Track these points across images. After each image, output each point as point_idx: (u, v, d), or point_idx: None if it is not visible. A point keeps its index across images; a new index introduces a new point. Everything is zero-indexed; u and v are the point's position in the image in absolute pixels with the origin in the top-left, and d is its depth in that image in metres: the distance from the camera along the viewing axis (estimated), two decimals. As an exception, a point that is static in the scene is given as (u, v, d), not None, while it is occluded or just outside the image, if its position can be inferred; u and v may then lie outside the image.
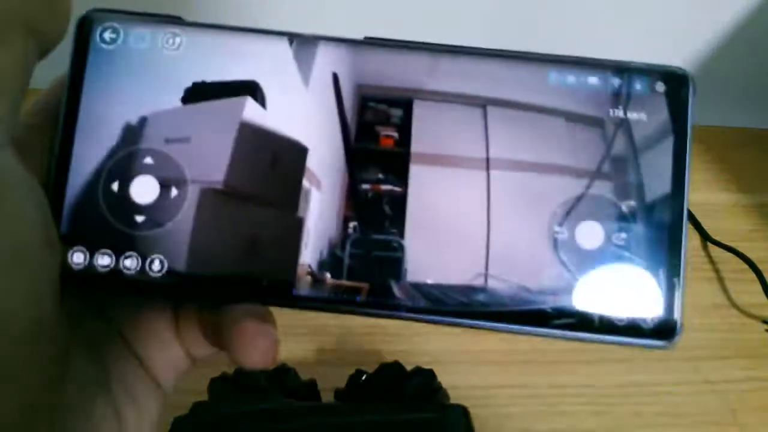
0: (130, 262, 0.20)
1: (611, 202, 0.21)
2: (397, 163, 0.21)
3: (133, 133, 0.21)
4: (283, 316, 0.23)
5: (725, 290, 0.51)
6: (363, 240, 0.21)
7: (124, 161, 0.21)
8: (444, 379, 0.36)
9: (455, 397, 0.35)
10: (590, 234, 0.21)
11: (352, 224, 0.21)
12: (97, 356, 0.21)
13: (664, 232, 0.21)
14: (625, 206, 0.21)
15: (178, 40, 0.21)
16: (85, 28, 0.21)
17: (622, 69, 0.21)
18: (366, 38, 0.21)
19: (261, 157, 0.21)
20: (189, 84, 0.21)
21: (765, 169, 0.60)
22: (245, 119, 0.21)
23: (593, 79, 0.21)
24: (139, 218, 0.21)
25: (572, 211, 0.21)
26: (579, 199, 0.21)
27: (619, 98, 0.21)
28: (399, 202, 0.21)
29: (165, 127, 0.21)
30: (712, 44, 0.62)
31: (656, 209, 0.21)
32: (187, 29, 0.21)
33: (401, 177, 0.21)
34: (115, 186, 0.21)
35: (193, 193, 0.21)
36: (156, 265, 0.20)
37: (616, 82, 0.21)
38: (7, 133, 0.16)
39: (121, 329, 0.23)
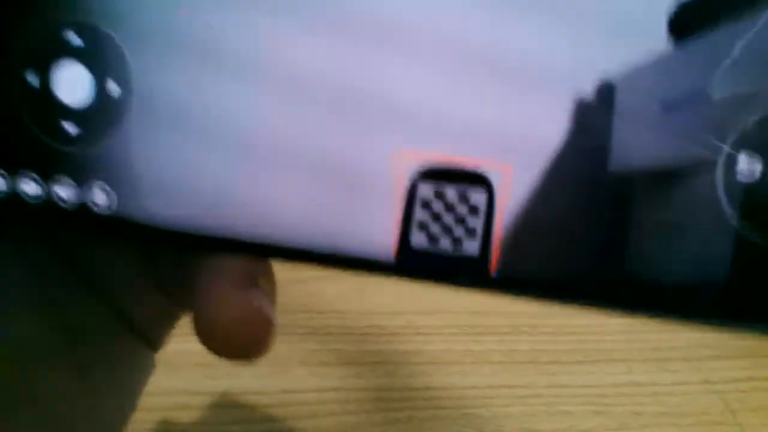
0: (66, 192, 0.14)
1: None
2: None
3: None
4: (282, 316, 0.23)
5: (725, 290, 0.51)
6: None
7: (46, 40, 0.13)
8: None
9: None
10: None
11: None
12: (58, 310, 0.15)
13: None
14: None
15: None
16: None
17: None
18: None
19: None
20: None
21: (765, 168, 0.60)
22: None
23: None
24: (71, 128, 0.14)
25: None
26: None
27: None
28: None
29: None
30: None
31: None
32: None
33: None
34: (32, 77, 0.13)
35: None
36: (101, 198, 0.14)
37: None
38: None
39: (86, 272, 0.16)
